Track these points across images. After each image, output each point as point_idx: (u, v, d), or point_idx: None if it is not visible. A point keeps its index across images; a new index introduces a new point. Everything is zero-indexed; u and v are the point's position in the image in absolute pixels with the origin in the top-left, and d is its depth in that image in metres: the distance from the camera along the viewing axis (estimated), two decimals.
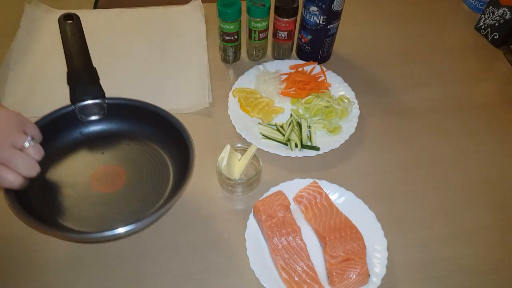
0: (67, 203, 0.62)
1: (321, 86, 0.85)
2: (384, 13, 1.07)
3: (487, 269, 0.63)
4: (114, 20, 1.00)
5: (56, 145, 0.66)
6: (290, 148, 0.75)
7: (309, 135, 0.77)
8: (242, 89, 0.84)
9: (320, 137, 0.78)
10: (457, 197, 0.72)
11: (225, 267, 0.62)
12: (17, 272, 0.61)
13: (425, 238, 0.66)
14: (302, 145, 0.75)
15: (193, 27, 0.98)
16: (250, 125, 0.79)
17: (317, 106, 0.80)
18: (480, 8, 1.06)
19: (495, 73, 0.95)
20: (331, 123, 0.79)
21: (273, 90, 0.84)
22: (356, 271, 0.58)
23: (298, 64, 0.89)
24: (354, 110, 0.81)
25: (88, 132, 0.69)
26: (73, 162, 0.67)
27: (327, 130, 0.78)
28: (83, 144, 0.69)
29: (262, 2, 0.82)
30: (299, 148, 0.75)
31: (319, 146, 0.74)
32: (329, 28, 0.85)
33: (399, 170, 0.75)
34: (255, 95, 0.84)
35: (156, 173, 0.67)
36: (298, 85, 0.84)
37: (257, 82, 0.85)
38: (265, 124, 0.79)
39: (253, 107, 0.82)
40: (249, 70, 0.87)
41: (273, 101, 0.83)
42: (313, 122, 0.79)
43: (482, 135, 0.81)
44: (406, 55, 0.97)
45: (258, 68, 0.88)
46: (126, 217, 0.61)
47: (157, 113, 0.67)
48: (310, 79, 0.85)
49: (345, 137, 0.76)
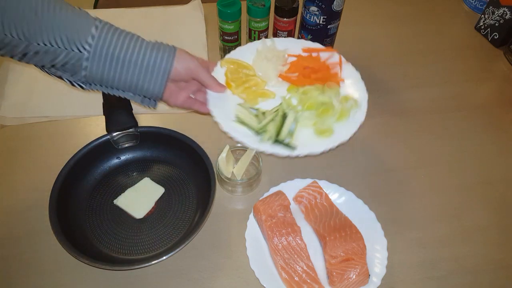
0: (104, 226, 0.66)
1: (331, 79, 0.69)
2: (384, 13, 1.07)
3: (487, 269, 0.63)
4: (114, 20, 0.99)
5: (96, 171, 0.71)
6: (262, 139, 0.61)
7: (292, 130, 0.63)
8: (235, 60, 0.70)
9: (307, 136, 0.63)
10: (457, 197, 0.72)
11: (225, 267, 0.62)
12: (17, 272, 0.61)
13: (425, 238, 0.66)
14: (276, 140, 0.61)
15: (193, 27, 0.98)
16: (226, 103, 0.65)
17: (312, 100, 0.65)
18: (480, 8, 1.06)
19: (495, 73, 0.95)
20: (323, 123, 0.64)
21: (272, 70, 0.69)
22: (356, 271, 0.58)
23: (315, 48, 0.73)
24: (359, 116, 0.64)
25: (124, 157, 0.74)
26: (112, 185, 0.71)
27: (315, 131, 0.63)
28: (119, 168, 0.73)
29: (262, 2, 0.82)
30: (271, 142, 0.60)
31: (295, 146, 0.60)
32: (329, 28, 0.85)
33: (399, 170, 0.75)
34: (248, 70, 0.70)
35: (182, 196, 0.70)
36: (303, 71, 0.70)
37: (257, 57, 0.71)
38: (245, 106, 0.65)
39: (239, 84, 0.67)
40: (253, 42, 0.73)
41: (265, 83, 0.69)
42: (302, 118, 0.64)
43: (482, 135, 0.81)
44: (406, 55, 0.97)
45: (265, 42, 0.73)
46: (154, 242, 0.64)
47: (183, 141, 0.71)
48: (321, 67, 0.70)
49: (333, 143, 0.60)
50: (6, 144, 0.76)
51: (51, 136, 0.78)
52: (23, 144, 0.76)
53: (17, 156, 0.75)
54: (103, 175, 0.71)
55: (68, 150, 0.68)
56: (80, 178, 0.69)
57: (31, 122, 0.79)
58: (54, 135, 0.78)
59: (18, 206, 0.68)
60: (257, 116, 0.64)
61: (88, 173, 0.70)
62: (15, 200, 0.69)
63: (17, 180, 0.71)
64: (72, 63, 0.53)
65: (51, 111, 0.81)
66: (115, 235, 0.65)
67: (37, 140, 0.77)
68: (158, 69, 0.56)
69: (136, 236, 0.65)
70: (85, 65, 0.53)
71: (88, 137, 0.70)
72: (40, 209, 0.63)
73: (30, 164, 0.73)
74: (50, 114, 0.81)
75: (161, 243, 0.64)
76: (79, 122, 0.80)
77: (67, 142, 0.76)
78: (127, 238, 0.64)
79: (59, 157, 0.67)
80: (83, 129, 0.79)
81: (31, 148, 0.76)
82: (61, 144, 0.76)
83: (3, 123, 0.79)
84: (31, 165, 0.73)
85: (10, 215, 0.66)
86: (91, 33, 0.52)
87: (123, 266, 0.61)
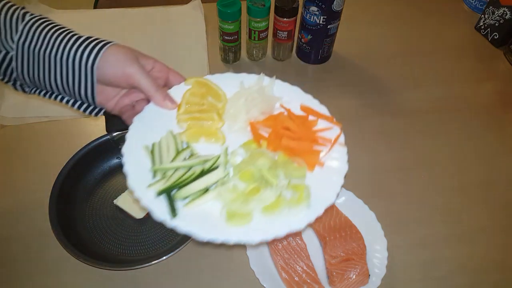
0: (104, 226, 0.66)
1: (306, 156, 0.51)
2: (384, 13, 1.07)
3: (487, 269, 0.63)
4: (114, 20, 1.00)
5: (96, 171, 0.71)
6: (151, 184, 0.46)
7: (192, 194, 0.46)
8: (207, 83, 0.57)
9: (211, 210, 0.46)
10: (457, 197, 0.72)
11: (225, 267, 0.62)
12: (17, 272, 0.61)
13: (425, 238, 0.66)
14: (164, 191, 0.45)
15: (193, 27, 0.98)
16: (156, 124, 0.52)
17: (253, 169, 0.48)
18: (480, 8, 1.06)
19: (495, 73, 0.95)
20: (242, 205, 0.46)
21: (245, 112, 0.54)
22: (356, 271, 0.58)
23: (315, 111, 0.56)
24: (301, 214, 0.46)
25: None
26: (112, 185, 0.70)
27: (227, 211, 0.45)
28: (119, 168, 0.71)
29: (262, 2, 0.82)
30: (157, 192, 0.45)
31: (177, 211, 0.44)
32: (329, 28, 0.85)
33: (399, 170, 0.75)
34: (215, 100, 0.56)
35: None
36: (280, 131, 0.52)
37: (238, 92, 0.56)
38: (176, 137, 0.51)
39: (191, 110, 0.54)
40: (250, 74, 0.59)
41: (222, 123, 0.54)
42: (224, 186, 0.47)
43: (482, 135, 0.81)
44: (406, 55, 0.97)
45: (261, 79, 0.59)
46: (154, 242, 0.64)
47: None
48: (305, 136, 0.53)
49: (236, 237, 0.43)
50: (6, 144, 0.76)
51: (51, 136, 0.78)
52: (23, 144, 0.76)
53: (17, 156, 0.74)
54: (103, 175, 0.71)
55: (68, 150, 0.68)
56: (80, 178, 0.69)
57: (31, 122, 0.79)
58: (54, 135, 0.78)
59: (18, 206, 0.68)
60: (177, 153, 0.49)
61: (88, 173, 0.70)
62: (15, 200, 0.68)
63: (17, 180, 0.71)
64: (6, 64, 0.50)
65: (51, 111, 0.81)
66: (115, 235, 0.64)
67: (37, 140, 0.77)
68: (79, 67, 0.49)
69: (136, 236, 0.65)
70: (13, 65, 0.50)
71: (88, 137, 0.70)
72: (40, 209, 0.63)
73: (30, 164, 0.73)
74: (50, 114, 0.80)
75: (161, 243, 0.64)
76: (79, 122, 0.80)
77: (67, 142, 0.75)
78: (127, 238, 0.64)
79: (59, 157, 0.67)
80: (83, 129, 0.79)
81: (31, 148, 0.76)
82: (61, 144, 0.76)
83: (3, 123, 0.79)
84: (31, 165, 0.73)
85: (10, 215, 0.66)
86: (18, 30, 0.48)
87: (123, 266, 0.61)
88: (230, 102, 0.55)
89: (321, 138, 0.53)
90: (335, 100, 0.85)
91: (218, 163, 0.49)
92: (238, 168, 0.49)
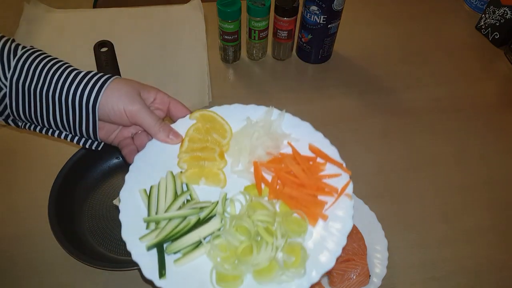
0: (104, 226, 0.66)
1: (309, 207, 0.47)
2: (385, 13, 1.07)
3: (488, 269, 0.63)
4: (113, 19, 1.00)
5: (96, 171, 0.70)
6: (144, 235, 0.45)
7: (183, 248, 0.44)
8: (214, 117, 0.54)
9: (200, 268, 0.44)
10: (458, 197, 0.72)
11: None
12: (17, 272, 0.61)
13: (426, 238, 0.66)
14: (154, 245, 0.44)
15: (192, 26, 0.98)
16: (157, 163, 0.50)
17: (249, 222, 0.45)
18: (481, 8, 1.06)
19: (496, 72, 0.95)
20: (235, 265, 0.43)
21: (249, 154, 0.51)
22: (356, 272, 0.58)
23: (324, 154, 0.52)
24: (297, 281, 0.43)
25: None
26: (111, 185, 0.70)
27: (216, 271, 0.43)
28: (119, 168, 0.72)
29: (262, 2, 0.82)
30: (147, 247, 0.44)
31: (165, 271, 0.42)
32: (330, 27, 0.85)
33: (400, 170, 0.75)
34: (219, 137, 0.53)
35: None
36: (284, 175, 0.49)
37: (244, 127, 0.54)
38: (175, 179, 0.49)
39: (194, 148, 0.51)
40: (259, 106, 0.56)
41: (224, 163, 0.52)
42: (214, 242, 0.45)
43: (482, 135, 0.81)
44: (406, 55, 0.97)
45: (270, 112, 0.55)
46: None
47: None
48: (311, 184, 0.49)
49: None
50: (6, 144, 0.76)
51: (51, 136, 0.77)
52: (23, 144, 0.76)
53: (17, 156, 0.74)
54: (103, 175, 0.71)
55: (68, 150, 0.68)
56: (80, 178, 0.68)
57: None
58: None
59: (17, 206, 0.68)
60: (175, 198, 0.47)
61: (88, 173, 0.70)
62: (14, 200, 0.68)
63: (17, 180, 0.71)
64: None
65: None
66: (114, 235, 0.64)
67: (37, 140, 0.77)
68: (80, 106, 0.47)
69: None
70: (6, 102, 0.47)
71: None
72: (39, 209, 0.63)
73: (30, 164, 0.73)
74: None
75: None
76: None
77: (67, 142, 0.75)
78: None
79: (59, 157, 0.67)
80: None
81: (31, 148, 0.75)
82: (61, 144, 0.75)
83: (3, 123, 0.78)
84: (31, 165, 0.73)
85: (10, 215, 0.66)
86: (10, 66, 0.45)
87: (123, 266, 0.60)
88: (235, 139, 0.53)
89: (328, 187, 0.49)
90: (335, 100, 0.85)
91: (215, 212, 0.47)
92: (234, 221, 0.46)
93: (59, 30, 0.95)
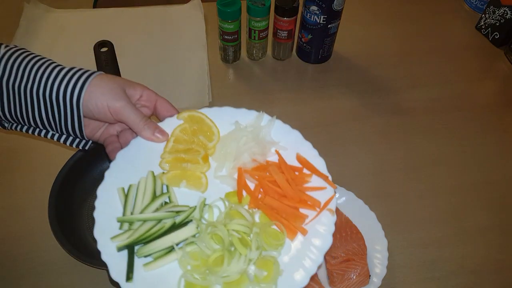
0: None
1: (290, 219, 0.46)
2: (385, 13, 1.07)
3: (488, 269, 0.63)
4: (113, 19, 1.00)
5: (96, 171, 0.69)
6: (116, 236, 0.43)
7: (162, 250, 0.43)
8: (202, 118, 0.53)
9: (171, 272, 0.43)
10: (458, 197, 0.72)
11: None
12: (16, 272, 0.61)
13: (426, 238, 0.66)
14: (125, 247, 0.42)
15: (192, 26, 0.98)
16: (139, 163, 0.49)
17: (225, 230, 0.44)
18: (481, 8, 1.06)
19: (496, 73, 0.95)
20: (205, 275, 0.42)
21: (234, 159, 0.50)
22: (356, 272, 0.58)
23: (310, 164, 0.50)
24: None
25: None
26: None
27: (185, 280, 0.42)
28: None
29: (262, 1, 0.82)
30: (117, 248, 0.42)
31: (132, 274, 0.41)
32: (330, 27, 0.85)
33: (400, 170, 0.75)
34: (206, 139, 0.52)
35: None
36: (266, 185, 0.48)
37: (232, 132, 0.52)
38: (156, 179, 0.48)
39: (179, 150, 0.50)
40: (250, 110, 0.54)
41: (208, 166, 0.50)
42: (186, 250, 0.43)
43: (482, 135, 0.81)
44: (407, 55, 0.97)
45: (261, 117, 0.53)
46: None
47: None
48: (293, 196, 0.47)
49: None
50: (6, 144, 0.76)
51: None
52: (23, 144, 0.76)
53: (17, 156, 0.74)
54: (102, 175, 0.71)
55: (68, 150, 0.68)
56: (80, 178, 0.68)
57: None
58: None
59: (17, 206, 0.67)
60: (153, 199, 0.46)
61: (88, 173, 0.69)
62: (14, 200, 0.68)
63: (17, 180, 0.71)
64: None
65: None
66: None
67: (37, 140, 0.77)
68: (64, 102, 0.46)
69: None
70: None
71: None
72: (39, 209, 0.63)
73: (30, 164, 0.73)
74: None
75: None
76: None
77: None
78: None
79: (59, 157, 0.67)
80: None
81: (31, 148, 0.75)
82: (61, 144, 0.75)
83: None
84: (31, 165, 0.73)
85: (10, 215, 0.66)
86: None
87: None
88: (222, 142, 0.51)
89: (311, 199, 0.47)
90: (335, 100, 0.85)
91: (191, 217, 0.45)
92: (210, 228, 0.44)
93: (59, 30, 0.95)
